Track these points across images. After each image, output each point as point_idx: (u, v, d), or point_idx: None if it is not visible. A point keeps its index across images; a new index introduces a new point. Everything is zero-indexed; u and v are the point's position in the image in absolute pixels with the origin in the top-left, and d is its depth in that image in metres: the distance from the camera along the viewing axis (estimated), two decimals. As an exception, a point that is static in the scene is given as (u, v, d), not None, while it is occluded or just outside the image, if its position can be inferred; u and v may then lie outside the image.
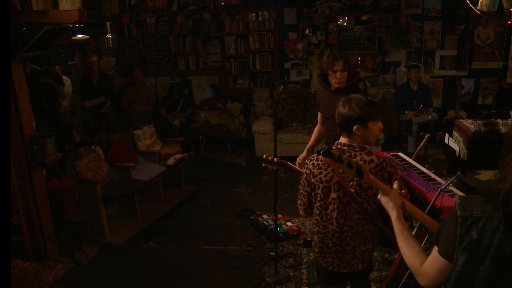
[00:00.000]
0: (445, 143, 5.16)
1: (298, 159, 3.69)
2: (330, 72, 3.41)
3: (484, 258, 1.34)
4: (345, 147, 2.32)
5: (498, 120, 4.45)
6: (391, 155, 3.85)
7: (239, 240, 4.50)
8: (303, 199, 2.50)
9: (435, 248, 1.47)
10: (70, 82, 6.82)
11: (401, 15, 7.01)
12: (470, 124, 4.50)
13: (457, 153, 4.88)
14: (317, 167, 2.33)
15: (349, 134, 2.31)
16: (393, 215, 1.79)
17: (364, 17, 7.07)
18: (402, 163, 3.75)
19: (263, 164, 2.93)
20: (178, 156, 5.51)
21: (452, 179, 3.21)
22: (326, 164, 2.29)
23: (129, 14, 7.24)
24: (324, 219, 2.38)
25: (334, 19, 7.10)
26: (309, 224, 4.78)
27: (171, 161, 5.38)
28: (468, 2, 3.01)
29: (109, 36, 4.32)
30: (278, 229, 4.46)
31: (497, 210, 1.33)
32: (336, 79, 3.41)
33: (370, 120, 2.27)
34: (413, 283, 3.61)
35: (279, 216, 4.80)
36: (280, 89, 3.35)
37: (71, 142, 6.89)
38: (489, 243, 1.33)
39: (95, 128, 7.12)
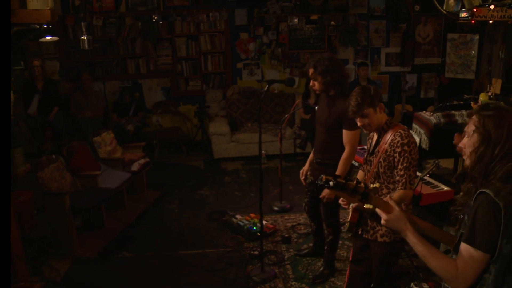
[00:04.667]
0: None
1: (301, 174, 3.66)
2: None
3: None
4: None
5: (454, 112, 4.79)
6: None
7: (215, 242, 4.45)
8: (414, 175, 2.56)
9: (468, 247, 1.49)
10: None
11: (349, 14, 7.27)
12: (430, 116, 4.79)
13: (417, 144, 5.18)
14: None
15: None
16: (408, 233, 1.64)
17: (314, 17, 7.25)
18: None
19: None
20: (142, 161, 5.35)
21: (432, 167, 3.41)
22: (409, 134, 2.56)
23: (73, 16, 6.88)
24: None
25: (285, 19, 7.22)
26: (281, 221, 4.84)
27: (135, 167, 5.20)
28: (437, 4, 3.22)
29: (84, 37, 4.06)
30: (255, 228, 4.48)
31: None
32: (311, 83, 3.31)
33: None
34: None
35: (252, 215, 4.82)
36: (265, 88, 3.35)
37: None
38: None
39: (42, 136, 6.69)
